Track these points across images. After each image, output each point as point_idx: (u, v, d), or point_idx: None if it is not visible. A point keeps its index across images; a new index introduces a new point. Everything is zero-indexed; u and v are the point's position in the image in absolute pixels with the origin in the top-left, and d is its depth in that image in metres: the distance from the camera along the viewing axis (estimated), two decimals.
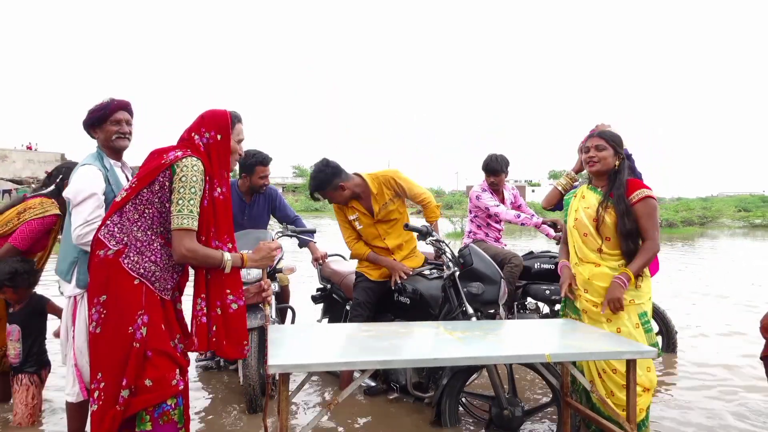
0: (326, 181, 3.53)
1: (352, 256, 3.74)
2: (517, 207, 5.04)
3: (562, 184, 3.67)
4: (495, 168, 4.71)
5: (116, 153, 2.79)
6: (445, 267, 3.34)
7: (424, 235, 3.41)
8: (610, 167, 2.92)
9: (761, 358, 3.29)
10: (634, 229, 2.82)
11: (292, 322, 4.33)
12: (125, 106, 2.79)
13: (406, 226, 3.41)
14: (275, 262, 2.43)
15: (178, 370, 2.18)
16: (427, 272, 3.60)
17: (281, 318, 4.16)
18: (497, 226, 4.86)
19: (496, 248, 4.61)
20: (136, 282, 2.12)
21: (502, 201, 4.81)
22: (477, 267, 3.32)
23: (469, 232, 4.89)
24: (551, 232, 4.86)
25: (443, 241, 3.45)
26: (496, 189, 4.80)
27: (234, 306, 2.22)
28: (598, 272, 2.87)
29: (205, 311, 2.20)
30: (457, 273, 3.28)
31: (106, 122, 2.73)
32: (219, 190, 2.22)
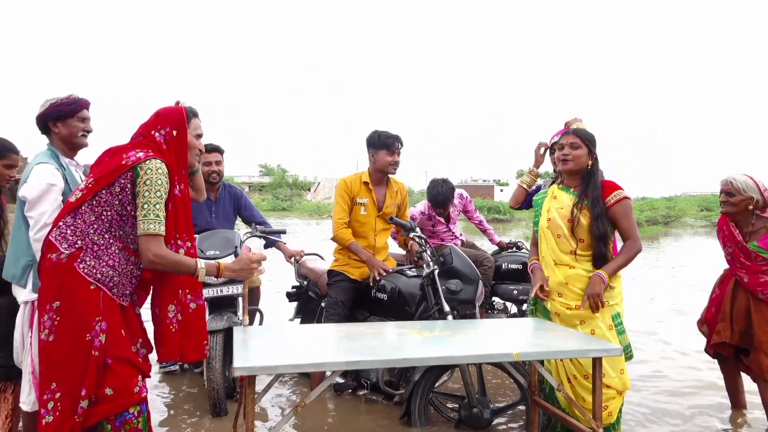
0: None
1: (336, 238, 3.68)
2: (474, 220, 5.14)
3: (526, 182, 3.71)
4: (442, 202, 4.66)
5: (72, 151, 2.71)
6: (425, 265, 3.40)
7: (408, 230, 3.52)
8: (583, 167, 2.89)
9: (705, 351, 3.52)
10: (606, 233, 2.82)
11: (261, 323, 4.30)
12: (89, 105, 2.73)
13: (392, 219, 3.52)
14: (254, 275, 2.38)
15: (140, 377, 2.13)
16: (406, 270, 3.65)
17: (249, 320, 4.11)
18: (445, 234, 4.83)
19: (467, 249, 4.66)
20: (92, 287, 2.06)
21: (448, 219, 4.82)
22: (456, 266, 3.42)
23: None
24: (495, 238, 5.03)
25: (425, 239, 3.53)
26: (442, 214, 4.79)
27: (192, 306, 2.20)
28: (574, 274, 2.86)
29: (171, 317, 2.17)
30: (437, 271, 3.36)
31: (74, 117, 2.65)
32: (178, 187, 2.19)
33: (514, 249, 4.99)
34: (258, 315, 4.27)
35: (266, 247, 4.31)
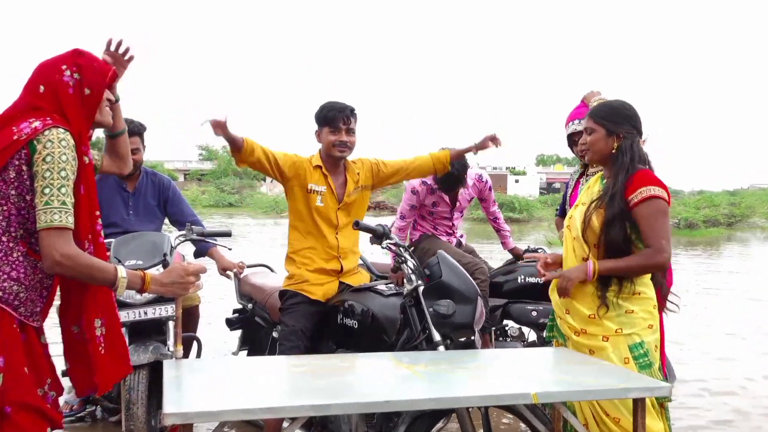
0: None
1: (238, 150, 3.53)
2: (490, 214, 5.22)
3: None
4: (450, 182, 4.63)
5: None
6: (405, 280, 3.37)
7: (379, 237, 3.45)
8: (604, 153, 2.95)
9: None
10: (621, 241, 2.83)
11: (198, 355, 4.30)
12: None
13: (357, 225, 3.45)
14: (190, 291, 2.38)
15: (49, 430, 2.12)
16: (382, 287, 3.63)
17: (183, 351, 4.11)
18: (444, 221, 4.94)
19: (452, 249, 4.67)
20: None
21: (454, 200, 4.86)
22: (447, 280, 3.35)
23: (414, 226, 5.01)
24: (509, 242, 5.16)
25: (404, 246, 3.49)
26: (450, 191, 4.82)
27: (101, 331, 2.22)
28: (580, 291, 2.91)
29: (98, 335, 2.17)
30: (422, 288, 3.31)
31: None
32: (87, 159, 2.18)
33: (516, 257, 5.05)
34: (195, 344, 4.26)
35: (197, 255, 4.30)
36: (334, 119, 3.63)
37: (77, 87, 2.20)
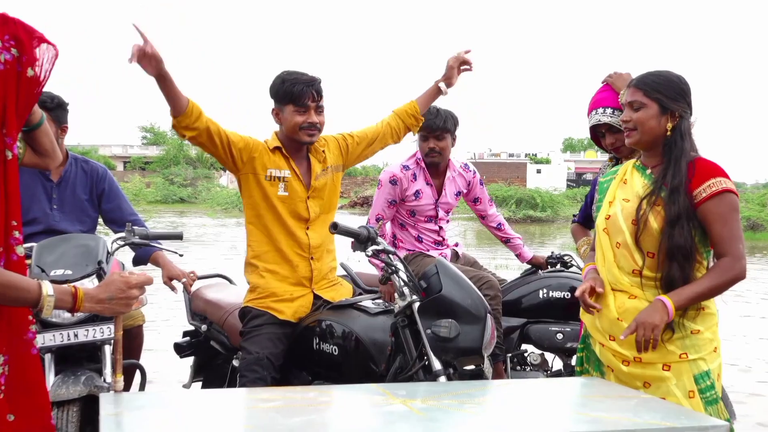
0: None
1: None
2: (486, 219, 5.19)
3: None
4: (436, 123, 4.61)
5: None
6: (396, 294, 3.37)
7: (362, 241, 3.42)
8: (656, 135, 2.91)
9: None
10: (689, 244, 2.80)
11: (141, 388, 4.29)
12: None
13: (335, 227, 3.39)
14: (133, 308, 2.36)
15: None
16: (368, 303, 3.64)
17: (124, 383, 4.10)
18: (428, 225, 4.86)
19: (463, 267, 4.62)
20: None
21: (440, 189, 4.84)
22: (448, 294, 3.33)
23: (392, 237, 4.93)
24: (525, 252, 5.09)
25: (395, 253, 3.47)
26: (436, 160, 4.76)
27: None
28: (633, 307, 2.88)
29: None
30: (417, 305, 3.31)
31: None
32: (11, 153, 2.15)
33: (559, 266, 5.02)
34: (138, 374, 4.26)
35: (137, 262, 4.29)
36: (301, 95, 3.60)
37: (13, 65, 2.17)
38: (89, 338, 3.58)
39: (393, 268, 3.38)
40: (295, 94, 3.60)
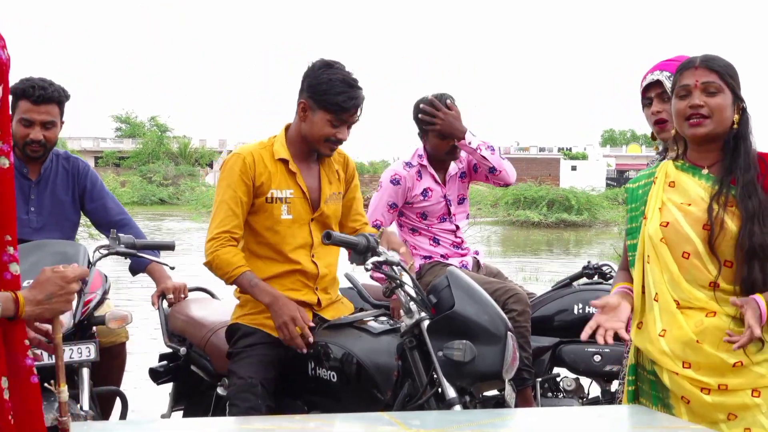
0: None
1: (212, 263, 3.67)
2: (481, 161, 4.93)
3: None
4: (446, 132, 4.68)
5: None
6: (403, 311, 3.38)
7: (362, 252, 3.39)
8: (726, 127, 2.89)
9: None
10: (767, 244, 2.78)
11: (123, 417, 4.33)
12: None
13: (328, 237, 3.40)
14: (76, 305, 2.40)
15: None
16: (371, 322, 3.62)
17: (101, 410, 4.15)
18: (443, 225, 4.88)
19: (479, 277, 4.56)
20: None
21: (443, 179, 4.87)
22: (462, 311, 3.32)
23: None
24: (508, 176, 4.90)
25: (399, 264, 3.45)
26: (439, 158, 4.83)
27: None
28: (713, 326, 2.82)
29: (6, 397, 2.21)
30: (426, 323, 3.31)
31: None
32: (6, 161, 2.18)
33: (597, 277, 5.03)
34: (119, 402, 4.30)
35: (133, 271, 4.35)
36: (342, 108, 3.60)
37: None
38: (66, 359, 3.59)
39: (398, 281, 3.37)
40: (340, 105, 3.59)
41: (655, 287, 2.95)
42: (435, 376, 3.23)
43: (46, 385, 2.40)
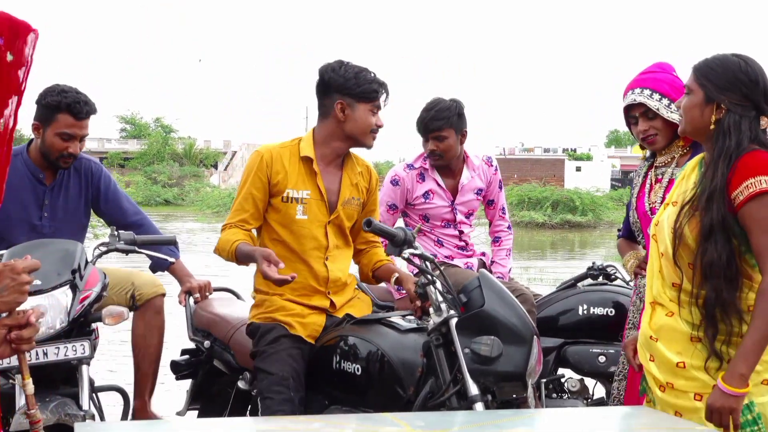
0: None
1: (216, 248, 3.81)
2: (494, 216, 5.14)
3: None
4: (432, 125, 4.69)
5: None
6: (432, 309, 3.39)
7: (399, 244, 3.44)
8: (697, 126, 2.88)
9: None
10: (724, 261, 2.70)
11: (124, 416, 4.33)
12: None
13: (369, 224, 3.43)
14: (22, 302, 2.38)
15: None
16: (398, 319, 3.66)
17: (99, 409, 4.12)
18: (447, 230, 4.91)
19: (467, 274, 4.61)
20: None
21: (455, 190, 4.87)
22: (491, 311, 3.36)
23: None
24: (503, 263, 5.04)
25: (433, 261, 3.49)
26: (441, 163, 4.82)
27: None
28: (667, 326, 2.87)
29: None
30: (454, 321, 3.33)
31: None
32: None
33: (601, 278, 5.04)
34: (122, 400, 4.30)
35: (154, 269, 4.38)
36: (378, 93, 3.71)
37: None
38: (60, 357, 3.57)
39: (430, 277, 3.40)
40: (376, 91, 3.71)
41: (647, 280, 3.06)
42: (459, 374, 3.27)
43: (30, 382, 2.38)
